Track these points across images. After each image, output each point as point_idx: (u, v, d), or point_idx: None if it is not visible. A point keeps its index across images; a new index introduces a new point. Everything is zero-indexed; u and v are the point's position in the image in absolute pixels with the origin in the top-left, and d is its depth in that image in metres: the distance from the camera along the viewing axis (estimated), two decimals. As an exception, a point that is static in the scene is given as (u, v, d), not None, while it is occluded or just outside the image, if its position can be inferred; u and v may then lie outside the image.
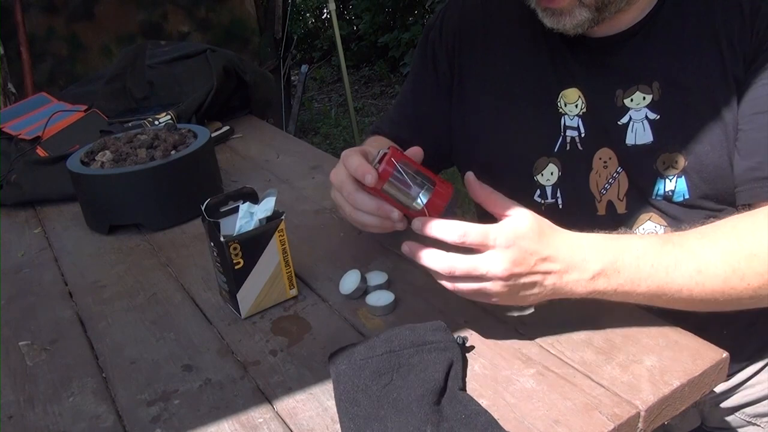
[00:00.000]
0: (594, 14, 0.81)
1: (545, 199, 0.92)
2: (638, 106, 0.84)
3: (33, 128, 1.49)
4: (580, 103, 0.88)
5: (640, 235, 0.75)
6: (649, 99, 0.84)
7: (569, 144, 0.89)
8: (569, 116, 0.89)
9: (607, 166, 0.87)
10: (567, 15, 0.82)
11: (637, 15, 0.84)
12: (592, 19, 0.82)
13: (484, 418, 0.62)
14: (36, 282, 1.02)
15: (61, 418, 0.72)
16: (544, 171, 0.91)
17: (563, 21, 0.82)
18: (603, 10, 0.81)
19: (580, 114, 0.88)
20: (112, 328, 0.87)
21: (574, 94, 0.88)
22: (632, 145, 0.85)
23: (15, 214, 1.30)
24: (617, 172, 0.87)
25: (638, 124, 0.84)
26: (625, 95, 0.85)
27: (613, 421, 0.62)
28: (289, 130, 3.72)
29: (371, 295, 0.85)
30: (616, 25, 0.85)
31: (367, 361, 0.70)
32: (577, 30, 0.83)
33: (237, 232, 0.82)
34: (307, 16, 6.67)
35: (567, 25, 0.83)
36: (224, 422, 0.68)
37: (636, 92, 0.84)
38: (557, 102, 0.89)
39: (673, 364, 0.69)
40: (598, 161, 0.88)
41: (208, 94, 1.58)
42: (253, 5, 3.46)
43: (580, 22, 0.82)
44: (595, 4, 0.80)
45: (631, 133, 0.85)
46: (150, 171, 1.12)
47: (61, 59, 3.00)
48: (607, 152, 0.87)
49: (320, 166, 1.36)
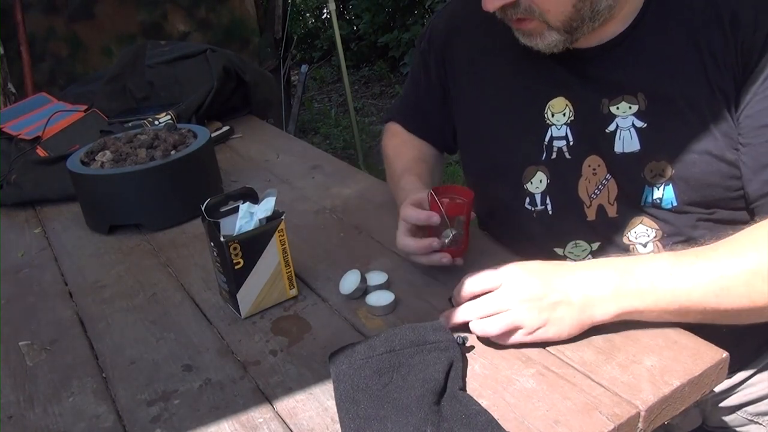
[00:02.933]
0: (565, 36, 0.82)
1: (535, 207, 0.92)
2: (625, 114, 0.84)
3: (33, 128, 1.49)
4: (567, 112, 0.88)
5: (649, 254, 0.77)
6: (635, 108, 0.84)
7: (556, 153, 0.90)
8: (557, 126, 0.89)
9: (597, 173, 0.87)
10: (538, 36, 0.83)
11: (619, 26, 0.84)
12: (564, 40, 0.83)
13: (484, 418, 0.62)
14: (36, 282, 1.02)
15: (61, 418, 0.72)
16: (533, 179, 0.91)
17: (535, 41, 0.84)
18: (573, 32, 0.82)
19: (568, 122, 0.88)
20: (112, 328, 0.87)
21: (561, 103, 0.89)
22: (620, 153, 0.85)
23: (15, 214, 1.30)
24: (606, 178, 0.87)
25: (625, 132, 0.84)
26: (611, 104, 0.85)
27: (613, 421, 0.62)
28: (289, 130, 3.71)
29: (371, 295, 0.85)
30: (598, 37, 0.85)
31: (367, 361, 0.70)
32: (552, 50, 0.84)
33: (237, 232, 0.82)
34: (307, 16, 6.67)
35: (540, 45, 0.84)
36: (224, 422, 0.68)
37: (622, 102, 0.84)
38: (545, 113, 0.90)
39: (673, 363, 0.69)
40: (587, 168, 0.88)
41: (208, 94, 1.58)
42: (253, 5, 3.46)
43: (551, 43, 0.83)
44: (563, 28, 0.81)
45: (619, 141, 0.85)
46: (150, 171, 1.12)
47: (61, 59, 2.99)
48: (596, 159, 0.87)
49: (320, 166, 1.36)
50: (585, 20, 0.80)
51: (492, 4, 0.80)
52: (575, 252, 0.90)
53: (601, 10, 0.80)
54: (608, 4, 0.80)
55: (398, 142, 1.15)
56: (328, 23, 5.51)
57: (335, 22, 3.55)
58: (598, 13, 0.80)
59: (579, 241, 0.90)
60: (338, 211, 1.15)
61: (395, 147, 1.15)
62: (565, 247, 0.90)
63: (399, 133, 1.17)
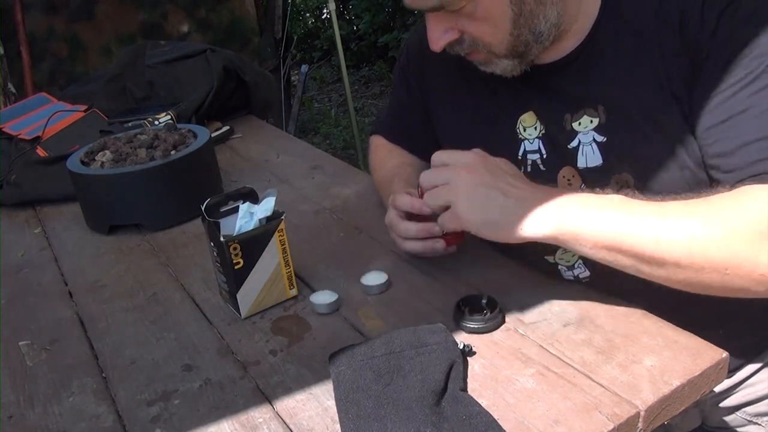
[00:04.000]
0: (516, 61, 0.83)
1: None
2: (586, 129, 0.84)
3: (33, 128, 1.49)
4: (538, 126, 0.89)
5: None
6: (596, 122, 0.83)
7: (530, 166, 0.90)
8: (529, 140, 0.90)
9: (572, 183, 0.88)
10: (490, 64, 0.85)
11: (575, 41, 0.84)
12: (517, 63, 0.83)
13: (485, 419, 0.62)
14: (36, 282, 1.02)
15: (61, 418, 0.72)
16: None
17: (491, 68, 0.86)
18: (524, 56, 0.82)
19: (539, 136, 0.89)
20: (112, 328, 0.88)
21: (531, 117, 0.89)
22: (584, 168, 0.85)
23: (15, 214, 1.30)
24: (581, 188, 0.87)
25: (587, 147, 0.84)
26: (573, 119, 0.85)
27: (613, 421, 0.62)
28: (289, 130, 3.71)
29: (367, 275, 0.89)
30: (558, 52, 0.85)
31: (367, 362, 0.70)
32: (511, 73, 0.85)
33: (237, 232, 0.82)
34: (306, 16, 6.67)
35: (496, 71, 0.85)
36: (224, 422, 0.68)
37: (583, 116, 0.84)
38: (517, 128, 0.90)
39: (673, 363, 0.69)
40: (563, 179, 0.88)
41: (208, 94, 1.58)
42: (253, 5, 3.46)
43: (507, 69, 0.84)
44: (510, 54, 0.82)
45: (581, 156, 0.85)
46: (150, 171, 1.12)
47: (61, 59, 3.00)
48: (570, 170, 0.87)
49: (320, 166, 1.36)
50: (530, 43, 0.81)
51: (436, 44, 0.83)
52: (565, 258, 0.90)
53: (543, 31, 0.80)
54: (552, 23, 0.79)
55: (384, 153, 1.17)
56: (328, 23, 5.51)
57: (335, 22, 3.55)
58: (542, 35, 0.80)
59: None
60: (338, 211, 1.15)
61: (381, 157, 1.16)
62: (555, 254, 0.90)
63: (384, 144, 1.18)
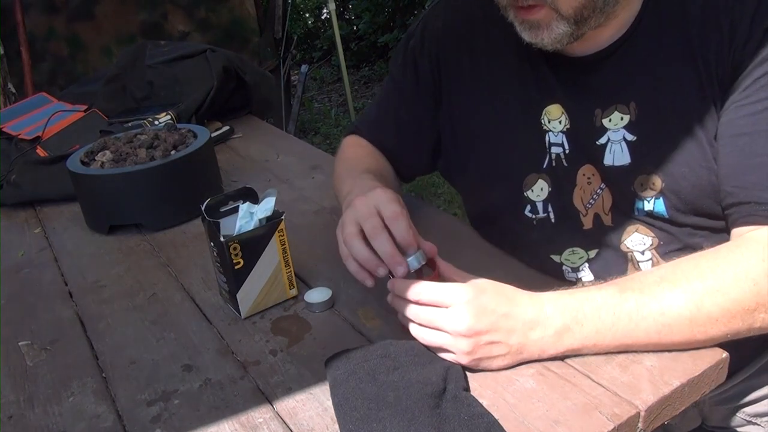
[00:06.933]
0: (572, 28, 0.79)
1: (536, 214, 0.91)
2: (616, 126, 0.83)
3: (33, 128, 1.49)
4: (563, 119, 0.87)
5: (598, 286, 0.73)
6: (627, 119, 0.83)
7: (555, 161, 0.89)
8: (553, 133, 0.88)
9: (591, 183, 0.87)
10: (545, 29, 0.80)
11: (614, 33, 0.83)
12: (570, 33, 0.80)
13: (486, 420, 0.62)
14: (36, 282, 1.02)
15: (61, 418, 0.72)
16: (534, 187, 0.90)
17: (541, 35, 0.81)
18: (582, 24, 0.79)
19: (564, 130, 0.87)
20: (112, 328, 0.88)
21: (557, 110, 0.88)
22: (610, 166, 0.84)
23: (15, 214, 1.30)
24: (600, 188, 0.86)
25: (616, 145, 0.84)
26: (603, 115, 0.84)
27: (613, 421, 0.62)
28: (289, 130, 3.71)
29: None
30: (594, 44, 0.84)
31: (362, 365, 0.70)
32: (556, 45, 0.81)
33: (237, 232, 0.82)
34: (306, 16, 6.66)
35: (545, 40, 0.81)
36: (224, 422, 0.68)
37: (614, 112, 0.83)
38: (541, 119, 0.89)
39: (673, 364, 0.69)
40: (582, 177, 0.87)
41: (208, 94, 1.58)
42: (253, 5, 3.46)
43: (558, 36, 0.80)
44: (574, 17, 0.78)
45: (609, 154, 0.84)
46: (150, 171, 1.12)
47: (61, 59, 3.00)
48: (590, 169, 0.86)
49: (320, 166, 1.36)
50: (596, 10, 0.78)
51: None
52: (572, 259, 0.90)
53: (610, 1, 0.78)
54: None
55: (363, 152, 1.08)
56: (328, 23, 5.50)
57: (335, 22, 3.56)
58: (608, 4, 0.78)
59: (576, 249, 0.90)
60: (338, 211, 1.14)
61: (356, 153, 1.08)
62: (562, 254, 0.90)
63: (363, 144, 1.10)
